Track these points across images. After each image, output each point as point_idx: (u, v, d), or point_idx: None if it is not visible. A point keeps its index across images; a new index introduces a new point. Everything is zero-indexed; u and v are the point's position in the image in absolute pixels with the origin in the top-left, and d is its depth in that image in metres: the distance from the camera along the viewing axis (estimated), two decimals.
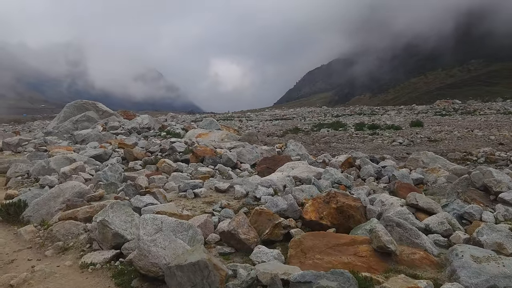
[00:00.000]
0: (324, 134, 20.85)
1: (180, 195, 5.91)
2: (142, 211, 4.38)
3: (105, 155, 11.08)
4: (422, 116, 34.00)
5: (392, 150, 13.65)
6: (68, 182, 5.73)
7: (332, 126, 24.03)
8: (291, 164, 7.55)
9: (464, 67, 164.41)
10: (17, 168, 9.80)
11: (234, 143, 13.10)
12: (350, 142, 17.01)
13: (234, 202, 5.53)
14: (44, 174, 8.80)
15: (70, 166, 7.99)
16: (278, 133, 22.65)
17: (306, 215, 4.49)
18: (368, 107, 69.09)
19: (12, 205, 5.61)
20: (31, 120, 70.33)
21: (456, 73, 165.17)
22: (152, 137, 20.63)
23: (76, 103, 27.83)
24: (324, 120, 34.63)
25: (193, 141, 13.98)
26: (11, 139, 17.07)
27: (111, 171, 7.50)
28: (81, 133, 17.57)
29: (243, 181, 6.36)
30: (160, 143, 13.26)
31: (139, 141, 15.53)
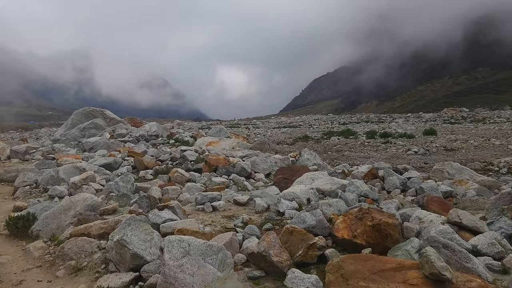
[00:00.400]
0: (335, 142, 20.46)
1: (197, 208, 5.56)
2: (160, 227, 4.05)
3: (115, 164, 10.79)
4: (431, 124, 33.52)
5: (408, 160, 13.24)
6: (80, 195, 5.41)
7: (343, 134, 23.63)
8: (310, 175, 7.18)
9: (472, 75, 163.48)
10: (25, 177, 9.53)
11: (246, 152, 12.77)
12: (363, 150, 16.62)
13: (256, 216, 5.17)
14: (53, 184, 8.52)
15: (80, 176, 7.69)
16: (288, 141, 22.30)
17: (338, 232, 4.12)
18: (374, 114, 68.60)
19: (21, 219, 5.30)
20: (38, 127, 70.66)
21: (463, 81, 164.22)
22: (161, 144, 20.40)
23: (84, 110, 27.77)
24: (333, 128, 34.26)
25: (203, 149, 13.67)
26: (19, 147, 16.89)
27: (123, 181, 7.19)
28: (89, 141, 17.35)
29: (263, 193, 6.01)
30: (170, 152, 12.97)
31: (148, 149, 15.26)
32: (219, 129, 21.19)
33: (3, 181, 10.85)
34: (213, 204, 5.47)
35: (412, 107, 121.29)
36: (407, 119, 45.74)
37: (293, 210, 5.04)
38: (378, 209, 4.40)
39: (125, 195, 6.48)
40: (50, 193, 7.53)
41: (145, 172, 10.04)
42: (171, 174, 8.73)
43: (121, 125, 26.07)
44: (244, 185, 8.30)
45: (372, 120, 45.95)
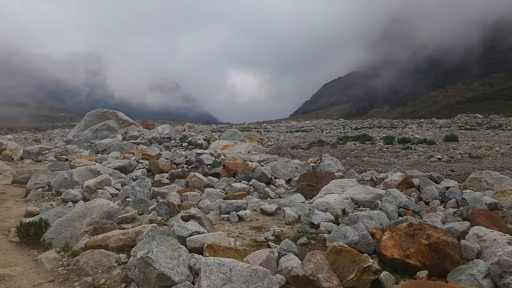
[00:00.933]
0: (352, 148, 19.88)
1: (222, 218, 5.11)
2: (187, 241, 3.60)
3: (130, 167, 10.42)
4: (446, 130, 32.73)
5: (432, 167, 12.63)
6: (95, 200, 5.01)
7: (359, 139, 23.03)
8: (338, 183, 6.69)
9: (486, 81, 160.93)
10: (38, 179, 9.21)
11: (263, 156, 12.32)
12: (383, 156, 16.03)
13: (287, 228, 4.70)
14: (67, 186, 8.16)
15: (94, 179, 7.32)
16: (303, 146, 21.77)
17: (386, 251, 3.63)
18: (386, 120, 67.59)
19: (32, 225, 4.92)
20: (51, 128, 71.24)
21: (477, 87, 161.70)
22: (173, 147, 20.08)
23: (97, 111, 27.67)
24: (347, 133, 33.64)
25: (219, 153, 13.26)
26: (32, 148, 16.72)
27: (140, 186, 6.78)
28: (102, 143, 17.09)
29: (291, 202, 5.53)
30: (185, 155, 12.58)
31: (162, 151, 14.91)
32: (232, 132, 20.81)
33: (15, 183, 10.57)
34: (239, 214, 5.02)
35: (424, 113, 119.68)
36: (420, 124, 44.83)
37: (329, 223, 4.56)
38: (431, 225, 3.89)
39: (142, 201, 6.06)
40: (63, 196, 7.16)
41: (160, 175, 9.65)
42: (188, 178, 8.31)
43: (133, 127, 25.90)
44: (266, 191, 7.84)
45: (384, 126, 45.18)
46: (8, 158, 16.21)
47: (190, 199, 6.48)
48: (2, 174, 12.67)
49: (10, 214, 7.08)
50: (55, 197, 7.80)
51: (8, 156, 16.35)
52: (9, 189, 10.17)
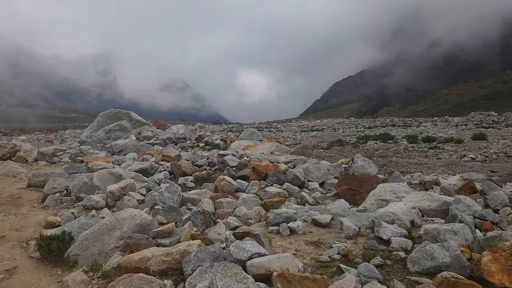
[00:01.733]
0: (375, 147, 19.09)
1: (271, 231, 4.43)
2: (248, 267, 2.92)
3: (151, 170, 9.82)
4: (463, 128, 31.73)
5: (468, 168, 11.81)
6: (126, 211, 4.37)
7: (380, 138, 22.21)
8: (388, 187, 5.98)
9: (499, 78, 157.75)
10: (55, 183, 8.65)
11: (289, 157, 11.63)
12: (411, 156, 15.22)
13: (350, 244, 4.02)
14: (87, 192, 7.58)
15: (118, 184, 6.71)
16: (323, 145, 21.02)
17: (493, 277, 2.93)
18: (399, 118, 66.35)
19: (55, 239, 4.31)
20: (62, 129, 71.50)
21: (490, 84, 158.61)
22: (190, 148, 19.52)
23: (110, 112, 27.28)
24: (362, 132, 32.76)
25: (241, 154, 12.61)
26: (46, 149, 16.25)
27: (169, 192, 6.15)
28: (118, 143, 16.57)
29: (345, 211, 4.85)
30: (207, 156, 11.95)
31: (181, 153, 14.32)
32: (251, 132, 20.16)
33: (31, 186, 10.04)
34: (291, 226, 4.34)
35: (436, 111, 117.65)
36: (434, 123, 43.67)
37: (402, 238, 3.86)
38: None
39: (173, 208, 5.43)
40: (84, 203, 6.56)
41: (184, 179, 9.03)
42: (217, 182, 7.66)
43: (146, 127, 25.42)
44: (302, 196, 7.16)
45: (398, 124, 44.21)
46: (22, 160, 15.78)
47: (225, 206, 5.84)
48: (17, 177, 12.18)
49: (28, 223, 6.51)
50: (75, 203, 7.22)
51: (22, 157, 15.92)
52: (25, 193, 9.64)
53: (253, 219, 5.36)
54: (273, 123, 76.06)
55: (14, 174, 12.60)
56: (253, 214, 5.48)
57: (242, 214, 5.56)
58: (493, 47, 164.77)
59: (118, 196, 6.53)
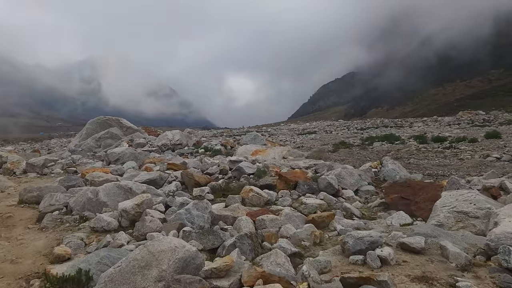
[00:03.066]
0: (385, 149, 18.29)
1: (353, 261, 3.42)
2: None
3: (160, 180, 8.74)
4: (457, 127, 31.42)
5: (501, 168, 11.01)
6: (162, 242, 3.31)
7: (386, 139, 21.45)
8: (460, 196, 5.04)
9: (485, 78, 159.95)
10: (53, 199, 7.53)
11: (307, 162, 10.68)
12: (428, 157, 14.42)
13: (471, 279, 3.03)
14: (92, 209, 6.48)
15: (132, 201, 5.63)
16: (328, 148, 20.13)
17: None
18: (388, 119, 66.21)
19: (68, 281, 3.24)
20: (47, 138, 69.49)
21: (476, 84, 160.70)
22: (189, 154, 18.44)
23: (99, 119, 26.11)
24: (358, 133, 32.08)
25: (251, 160, 11.60)
26: (35, 160, 14.99)
27: (198, 209, 5.09)
28: (114, 152, 15.40)
29: (436, 231, 3.89)
30: (217, 163, 10.91)
31: (184, 160, 13.25)
32: (253, 136, 19.16)
33: (23, 203, 8.87)
34: (380, 255, 3.34)
35: (424, 111, 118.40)
36: (425, 123, 43.48)
37: None
38: None
39: (209, 231, 4.39)
40: (93, 225, 5.46)
41: (200, 190, 7.98)
42: (244, 194, 6.64)
43: (138, 134, 24.27)
44: (346, 208, 6.20)
45: (389, 125, 44.03)
46: (10, 172, 14.48)
47: (268, 225, 4.83)
48: (5, 191, 10.95)
49: (25, 251, 5.38)
50: (79, 224, 6.10)
51: (10, 170, 14.62)
52: (16, 211, 8.46)
53: (307, 241, 4.37)
54: (262, 127, 75.09)
55: (2, 189, 11.36)
56: (304, 234, 4.50)
57: (291, 235, 4.57)
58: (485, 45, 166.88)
59: (133, 215, 5.46)
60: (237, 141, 24.13)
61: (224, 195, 7.70)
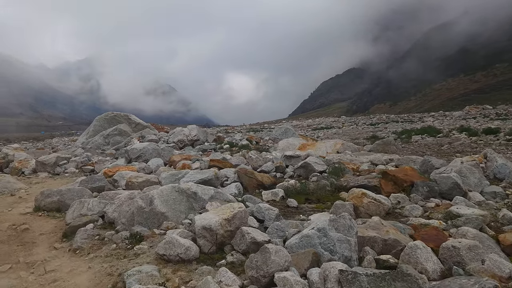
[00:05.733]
0: (434, 142, 16.45)
1: None
2: None
3: (216, 180, 6.87)
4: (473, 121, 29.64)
5: None
6: None
7: (426, 132, 19.61)
8: None
9: (489, 72, 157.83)
10: (84, 207, 5.68)
11: (379, 156, 8.81)
12: (498, 150, 12.55)
13: None
14: (144, 222, 4.63)
15: (219, 214, 3.76)
16: (362, 143, 18.25)
17: None
18: (394, 115, 64.43)
19: None
20: (49, 137, 67.73)
21: (480, 78, 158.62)
22: (212, 150, 16.58)
23: (107, 115, 24.36)
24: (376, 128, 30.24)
25: (304, 155, 9.73)
26: (46, 158, 13.13)
27: (338, 228, 3.22)
28: (135, 148, 13.52)
29: None
30: (271, 159, 9.05)
31: (223, 154, 11.42)
32: (284, 129, 17.32)
33: (40, 210, 7.08)
34: None
35: (428, 106, 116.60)
36: (435, 117, 41.78)
37: None
38: None
39: (395, 275, 2.52)
40: (162, 251, 3.59)
41: (271, 193, 6.13)
42: (354, 199, 4.78)
43: (148, 130, 22.47)
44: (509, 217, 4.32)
45: (399, 120, 42.52)
46: (18, 171, 12.65)
47: (466, 257, 2.97)
48: (16, 194, 9.11)
49: None
50: (132, 246, 4.23)
51: (17, 169, 12.79)
52: (33, 221, 6.62)
53: None
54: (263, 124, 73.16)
55: (11, 191, 9.51)
56: None
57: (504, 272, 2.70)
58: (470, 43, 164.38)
59: (222, 235, 3.61)
60: (260, 137, 22.27)
61: (308, 200, 5.85)
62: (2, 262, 4.79)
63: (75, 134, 67.98)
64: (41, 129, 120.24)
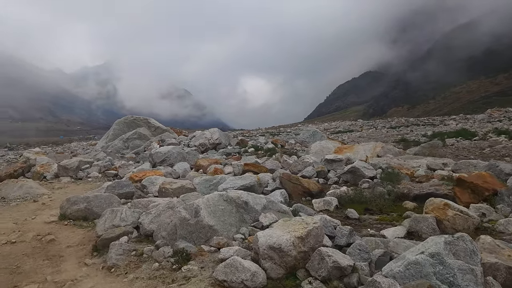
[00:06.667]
0: (471, 146, 15.44)
1: None
2: None
3: (259, 187, 6.19)
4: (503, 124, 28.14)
5: None
6: None
7: (460, 135, 18.55)
8: None
9: (511, 74, 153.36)
10: (116, 217, 5.08)
11: (420, 161, 7.98)
12: None
13: None
14: (189, 237, 3.97)
15: (289, 231, 3.07)
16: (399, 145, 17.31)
17: None
18: (414, 118, 62.74)
19: None
20: (67, 141, 68.48)
21: (501, 80, 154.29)
22: (236, 154, 15.94)
23: (126, 119, 24.11)
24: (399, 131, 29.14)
25: (341, 159, 8.96)
26: (68, 162, 12.71)
27: (456, 254, 2.50)
28: (160, 151, 13.00)
29: None
30: (311, 163, 8.33)
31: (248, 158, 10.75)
32: (312, 132, 16.59)
33: (66, 218, 6.53)
34: None
35: (447, 109, 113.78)
36: (458, 120, 40.27)
37: None
38: None
39: None
40: (221, 276, 2.93)
41: (323, 201, 5.42)
42: (436, 211, 4.01)
43: (167, 134, 22.06)
44: None
45: (420, 123, 41.17)
46: (40, 176, 12.25)
47: None
48: (39, 201, 8.62)
49: None
50: (179, 267, 3.56)
51: (39, 173, 12.39)
52: (59, 230, 6.06)
53: None
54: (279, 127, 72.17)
55: (34, 197, 9.05)
56: None
57: None
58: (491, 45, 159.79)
59: (294, 257, 2.92)
60: (285, 141, 21.56)
61: (369, 211, 5.11)
62: (28, 281, 4.20)
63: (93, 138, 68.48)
64: (59, 134, 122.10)
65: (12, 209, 7.93)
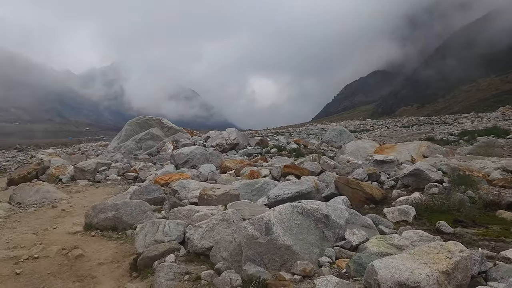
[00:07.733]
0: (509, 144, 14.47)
1: None
2: None
3: (317, 193, 5.35)
4: None
5: None
6: None
7: (492, 134, 17.57)
8: None
9: None
10: (158, 231, 4.30)
11: (495, 161, 7.10)
12: None
13: None
14: (261, 260, 3.15)
15: (426, 261, 2.21)
16: None
17: None
18: (424, 117, 61.42)
19: None
20: (76, 142, 68.18)
21: None
22: (258, 154, 15.11)
23: (139, 119, 23.41)
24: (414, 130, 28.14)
25: (393, 160, 8.09)
26: (85, 164, 11.98)
27: None
28: (182, 152, 12.22)
29: None
30: (360, 165, 7.47)
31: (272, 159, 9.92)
32: (339, 131, 15.69)
33: (93, 228, 5.77)
34: None
35: (458, 108, 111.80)
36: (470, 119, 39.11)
37: None
38: None
39: None
40: None
41: (397, 211, 4.58)
42: None
43: (180, 134, 21.28)
44: None
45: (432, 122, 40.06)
46: (55, 179, 11.54)
47: None
48: (58, 206, 7.87)
49: None
50: None
51: (55, 176, 11.68)
52: (86, 243, 5.28)
53: None
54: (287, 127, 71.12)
55: (52, 202, 8.30)
56: None
57: None
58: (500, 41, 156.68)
59: None
60: (307, 140, 20.69)
61: (460, 223, 4.25)
62: None
63: (102, 139, 68.00)
64: (68, 135, 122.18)
65: (30, 216, 7.19)
